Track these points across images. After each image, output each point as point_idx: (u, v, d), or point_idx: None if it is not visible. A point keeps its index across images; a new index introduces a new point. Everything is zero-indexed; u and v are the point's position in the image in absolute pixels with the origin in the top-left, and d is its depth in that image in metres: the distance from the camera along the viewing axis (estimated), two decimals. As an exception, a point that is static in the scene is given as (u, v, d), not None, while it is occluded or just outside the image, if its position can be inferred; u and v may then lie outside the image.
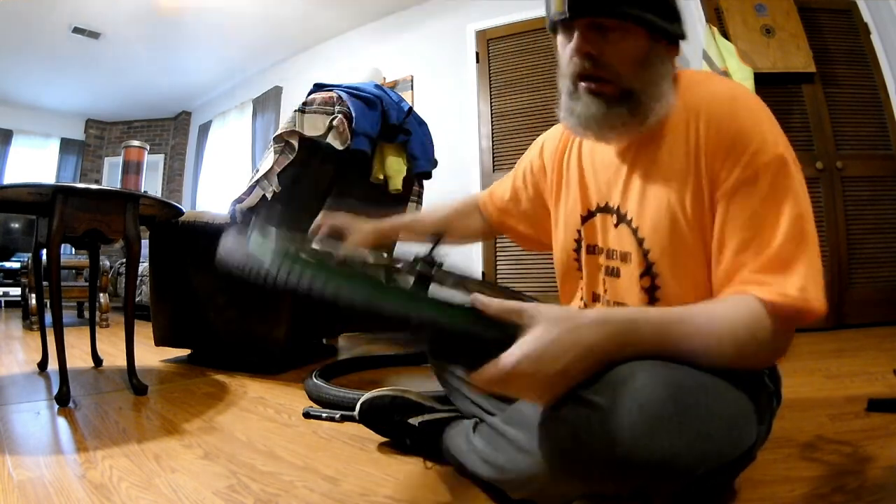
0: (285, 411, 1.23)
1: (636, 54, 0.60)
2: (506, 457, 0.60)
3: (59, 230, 1.26)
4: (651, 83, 0.61)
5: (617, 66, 0.60)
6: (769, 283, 0.52)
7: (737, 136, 0.57)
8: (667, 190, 0.62)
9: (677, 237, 0.61)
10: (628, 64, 0.60)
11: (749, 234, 0.55)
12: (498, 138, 3.25)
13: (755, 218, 0.55)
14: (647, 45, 0.61)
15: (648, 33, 0.61)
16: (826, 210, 2.57)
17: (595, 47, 0.60)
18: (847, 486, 0.72)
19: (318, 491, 0.77)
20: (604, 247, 0.71)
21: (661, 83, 0.62)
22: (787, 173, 0.56)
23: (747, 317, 0.52)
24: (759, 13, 2.69)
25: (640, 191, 0.65)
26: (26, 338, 2.60)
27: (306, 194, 1.73)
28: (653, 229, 0.63)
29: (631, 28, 0.60)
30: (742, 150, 0.56)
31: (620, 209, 0.68)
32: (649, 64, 0.61)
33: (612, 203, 0.69)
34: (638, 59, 0.61)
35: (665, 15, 0.62)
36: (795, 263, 0.53)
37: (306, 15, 3.95)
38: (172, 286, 1.83)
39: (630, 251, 0.66)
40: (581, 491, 0.50)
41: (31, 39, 3.96)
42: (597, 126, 0.63)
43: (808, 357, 1.80)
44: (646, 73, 0.61)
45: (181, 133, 5.89)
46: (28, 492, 0.74)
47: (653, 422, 0.42)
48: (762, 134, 0.57)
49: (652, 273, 0.64)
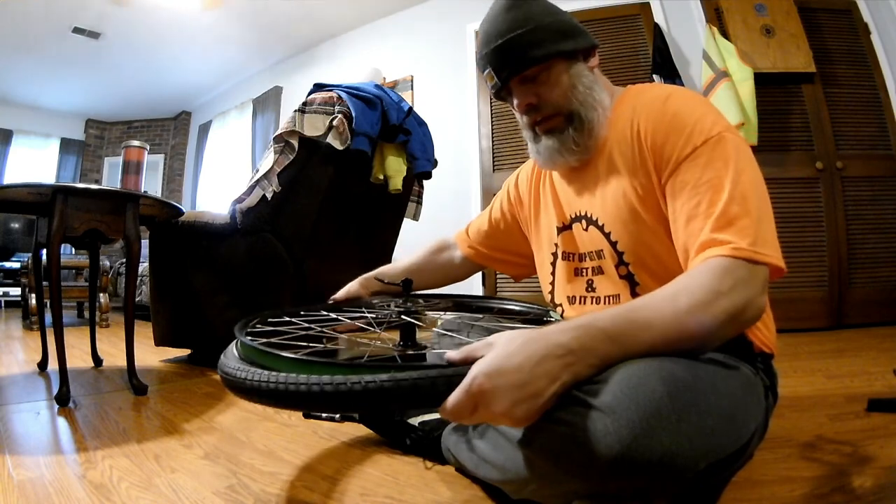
0: (285, 411, 1.23)
1: (563, 81, 0.72)
2: (506, 456, 0.60)
3: (59, 230, 1.26)
4: (585, 97, 0.72)
5: (554, 100, 0.72)
6: (720, 242, 0.56)
7: (672, 123, 0.65)
8: (621, 185, 0.70)
9: (637, 223, 0.69)
10: (561, 93, 0.72)
11: (694, 203, 0.61)
12: (498, 138, 3.25)
13: (697, 187, 0.61)
14: (567, 69, 0.72)
15: (564, 59, 0.72)
16: (826, 210, 2.57)
17: (532, 96, 0.73)
18: (847, 486, 0.72)
19: (318, 491, 0.77)
20: (583, 251, 0.78)
21: (593, 93, 0.72)
22: (724, 146, 0.61)
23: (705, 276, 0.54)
24: (759, 13, 2.69)
25: (601, 193, 0.74)
26: (26, 338, 2.60)
27: (306, 194, 1.73)
28: (615, 221, 0.71)
29: (549, 64, 0.71)
30: (678, 133, 0.64)
31: (588, 214, 0.76)
32: (577, 82, 0.72)
33: (580, 211, 0.78)
34: (566, 85, 0.72)
35: (568, 36, 0.72)
36: (741, 220, 0.56)
37: (306, 15, 3.95)
38: (172, 286, 1.83)
39: (602, 247, 0.74)
40: (581, 491, 0.50)
41: (31, 39, 3.97)
42: (559, 155, 0.74)
43: (808, 357, 1.80)
44: (577, 92, 0.72)
45: (181, 133, 5.89)
46: (28, 492, 0.74)
47: (651, 419, 0.42)
48: (696, 117, 0.64)
49: (624, 262, 0.72)
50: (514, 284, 3.04)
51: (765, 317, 0.73)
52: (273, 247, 1.71)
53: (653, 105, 0.68)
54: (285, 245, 1.73)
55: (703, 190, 0.60)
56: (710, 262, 0.55)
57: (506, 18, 0.71)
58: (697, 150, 0.62)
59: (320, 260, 1.84)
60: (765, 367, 0.69)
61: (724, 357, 0.59)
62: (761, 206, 0.58)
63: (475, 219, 1.06)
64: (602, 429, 0.43)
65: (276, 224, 1.72)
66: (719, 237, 0.56)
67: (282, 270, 1.73)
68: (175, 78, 4.98)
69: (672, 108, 0.66)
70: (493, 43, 0.72)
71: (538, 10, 0.72)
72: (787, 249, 2.57)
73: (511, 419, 0.46)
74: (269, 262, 1.71)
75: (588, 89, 0.72)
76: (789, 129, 2.62)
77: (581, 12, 2.90)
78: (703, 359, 0.53)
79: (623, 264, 0.72)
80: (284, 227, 1.73)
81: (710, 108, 0.67)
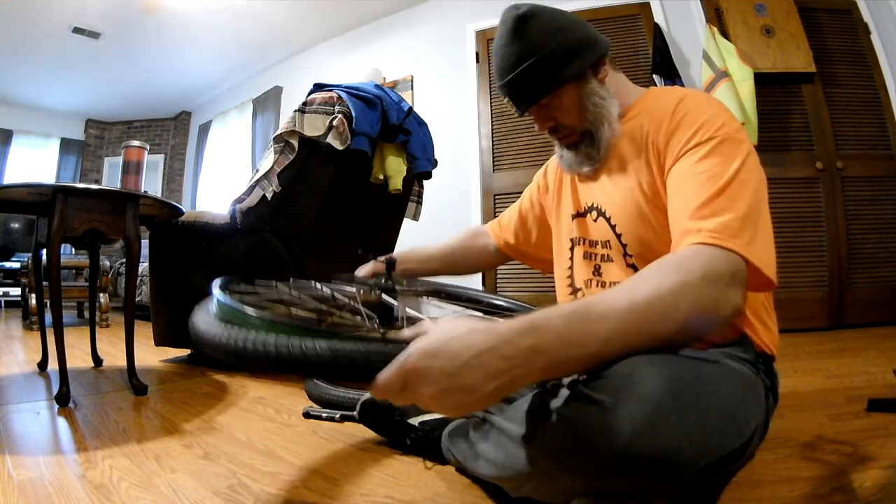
0: (285, 411, 1.23)
1: (575, 104, 0.76)
2: (506, 453, 0.60)
3: (59, 230, 1.26)
4: (595, 116, 0.76)
5: (570, 122, 0.77)
6: (698, 230, 0.55)
7: (681, 122, 0.66)
8: (629, 183, 0.73)
9: (642, 219, 0.71)
10: (574, 115, 0.76)
11: (686, 192, 0.60)
12: (498, 138, 3.25)
13: (694, 177, 0.61)
14: (578, 91, 0.75)
15: (573, 82, 0.75)
16: (826, 210, 2.57)
17: (548, 120, 0.78)
18: (847, 486, 0.72)
19: (318, 491, 0.77)
20: (594, 239, 0.82)
21: (602, 110, 0.76)
22: (730, 146, 0.61)
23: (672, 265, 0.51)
24: (759, 13, 2.69)
25: (611, 188, 0.78)
26: (26, 338, 2.60)
27: (306, 194, 1.73)
28: (622, 216, 0.75)
29: (560, 91, 0.75)
30: (685, 130, 0.65)
31: (599, 206, 0.80)
32: (587, 103, 0.75)
33: (593, 203, 0.82)
34: (578, 107, 0.76)
35: (573, 56, 0.74)
36: (727, 214, 0.55)
37: (306, 15, 3.95)
38: (172, 286, 1.83)
39: (609, 238, 0.78)
40: (581, 488, 0.50)
41: (31, 39, 3.96)
42: (577, 165, 0.81)
43: (808, 357, 1.80)
44: (589, 113, 0.76)
45: (181, 133, 5.89)
46: (28, 492, 0.74)
47: (652, 416, 0.42)
48: (706, 117, 0.64)
49: (628, 253, 0.74)
50: (514, 283, 3.05)
51: (767, 319, 0.73)
52: (273, 247, 1.71)
53: (665, 108, 0.70)
54: (285, 245, 1.73)
55: (699, 180, 0.60)
56: (685, 251, 0.53)
57: (511, 52, 0.74)
58: (701, 145, 0.62)
59: (320, 260, 1.84)
60: (765, 368, 0.69)
61: (724, 357, 0.59)
62: (756, 211, 0.57)
63: (506, 211, 1.10)
64: (602, 424, 0.43)
65: (276, 224, 1.72)
66: (698, 225, 0.55)
67: (282, 270, 1.73)
68: (175, 78, 4.98)
69: (683, 109, 0.68)
70: (504, 78, 0.76)
71: (540, 36, 0.72)
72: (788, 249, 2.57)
73: (439, 406, 0.43)
74: (269, 262, 1.71)
75: (598, 107, 0.76)
76: (789, 129, 2.62)
77: (581, 12, 2.89)
78: (704, 358, 0.53)
79: (627, 255, 0.75)
80: (284, 227, 1.73)
81: (722, 110, 0.67)
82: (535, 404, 0.53)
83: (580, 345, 0.45)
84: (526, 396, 0.60)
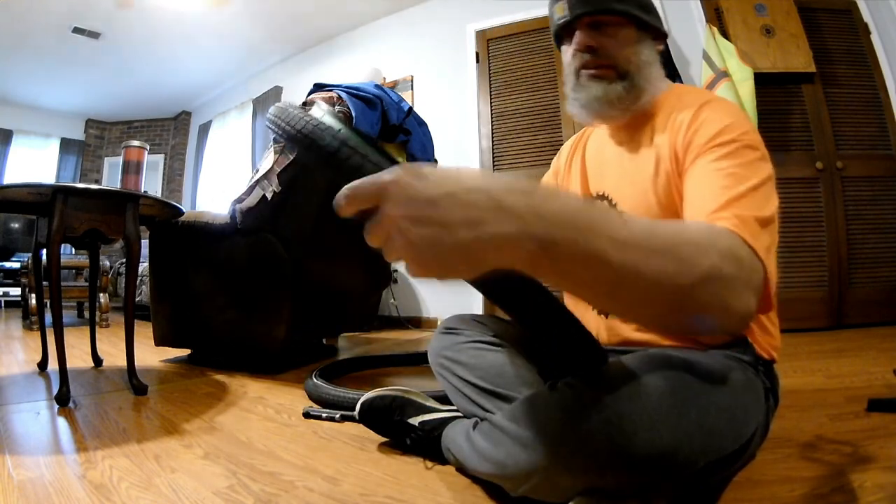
0: (285, 411, 1.23)
1: (629, 43, 0.73)
2: (506, 452, 0.60)
3: (59, 230, 1.26)
4: (643, 66, 0.73)
5: (614, 53, 0.73)
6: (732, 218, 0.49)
7: (701, 124, 0.65)
8: (643, 177, 0.72)
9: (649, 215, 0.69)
10: (623, 50, 0.73)
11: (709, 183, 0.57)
12: (498, 138, 3.25)
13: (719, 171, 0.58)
14: (636, 36, 0.74)
15: (636, 26, 0.73)
16: (826, 210, 2.57)
17: (594, 41, 0.72)
18: (847, 486, 0.72)
19: (318, 491, 0.77)
20: None
21: (651, 68, 0.74)
22: (754, 156, 0.59)
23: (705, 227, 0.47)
24: (759, 13, 2.69)
25: (623, 180, 0.76)
26: (26, 338, 2.59)
27: (306, 194, 1.73)
28: (630, 208, 0.73)
29: (622, 22, 0.72)
30: (707, 129, 0.64)
31: (608, 195, 0.78)
32: (640, 51, 0.74)
33: (602, 191, 0.80)
34: (631, 47, 0.73)
35: (648, 10, 0.74)
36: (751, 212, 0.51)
37: (306, 15, 3.95)
38: (172, 286, 1.83)
39: None
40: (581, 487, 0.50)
41: (31, 39, 3.96)
42: (598, 104, 0.74)
43: (808, 357, 1.80)
44: (638, 59, 0.73)
45: (181, 133, 5.89)
46: (28, 492, 0.74)
47: (653, 413, 0.42)
48: (728, 122, 0.63)
49: None
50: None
51: (767, 322, 0.73)
52: (273, 247, 1.71)
53: (692, 104, 0.69)
54: (285, 245, 1.73)
55: (721, 175, 0.57)
56: (717, 226, 0.48)
57: None
58: (724, 145, 0.61)
59: (320, 260, 1.84)
60: (765, 370, 0.69)
61: (724, 358, 0.59)
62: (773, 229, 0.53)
63: None
64: (602, 420, 0.43)
65: (276, 224, 1.72)
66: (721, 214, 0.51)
67: (282, 270, 1.73)
68: (175, 78, 4.98)
69: (705, 112, 0.66)
70: None
71: None
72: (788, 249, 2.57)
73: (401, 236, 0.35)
74: (269, 262, 1.71)
75: (648, 63, 0.74)
76: (789, 129, 2.62)
77: (581, 12, 2.90)
78: (705, 359, 0.53)
79: None
80: (284, 227, 1.73)
81: (743, 116, 0.66)
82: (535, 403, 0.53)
83: (589, 230, 0.36)
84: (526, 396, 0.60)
